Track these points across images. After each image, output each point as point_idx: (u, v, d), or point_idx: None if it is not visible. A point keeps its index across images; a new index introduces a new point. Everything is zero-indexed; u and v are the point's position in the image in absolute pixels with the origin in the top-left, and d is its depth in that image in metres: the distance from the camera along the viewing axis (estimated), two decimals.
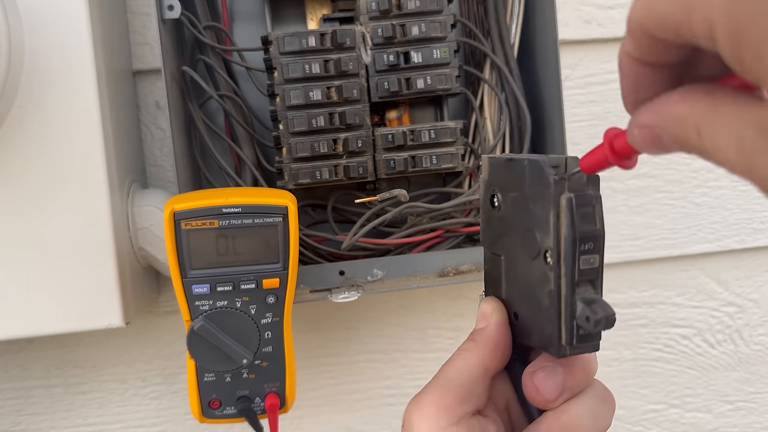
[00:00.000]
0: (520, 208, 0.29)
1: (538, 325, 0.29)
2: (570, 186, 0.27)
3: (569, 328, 0.28)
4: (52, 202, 0.45)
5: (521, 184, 0.29)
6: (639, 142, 0.23)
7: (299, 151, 0.49)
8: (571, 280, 0.27)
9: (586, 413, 0.29)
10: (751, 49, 0.17)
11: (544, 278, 0.28)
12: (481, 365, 0.30)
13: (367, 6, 0.49)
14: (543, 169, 0.28)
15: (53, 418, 0.60)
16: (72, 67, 0.44)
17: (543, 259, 0.28)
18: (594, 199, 0.27)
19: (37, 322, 0.45)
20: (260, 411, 0.46)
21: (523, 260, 0.30)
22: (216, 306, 0.43)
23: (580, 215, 0.27)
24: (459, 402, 0.29)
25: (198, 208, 0.42)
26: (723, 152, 0.19)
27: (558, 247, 0.27)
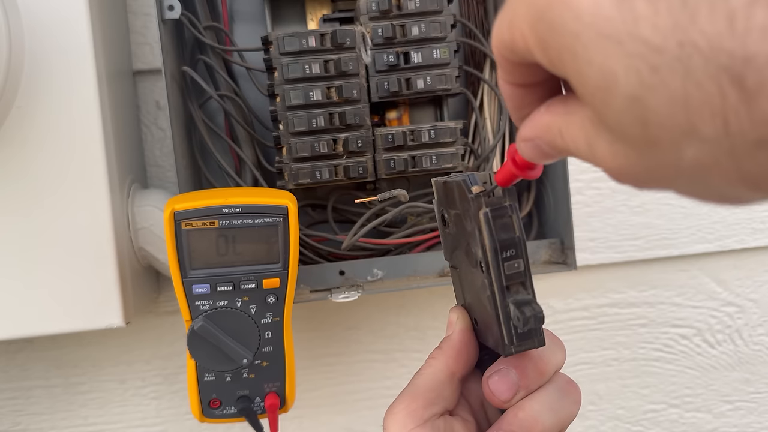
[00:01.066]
0: (461, 224, 0.32)
1: (490, 329, 0.32)
2: (488, 201, 0.30)
3: (508, 329, 0.30)
4: (52, 202, 0.45)
5: (455, 203, 0.32)
6: (527, 153, 0.25)
7: (299, 151, 0.49)
8: (500, 285, 0.30)
9: (542, 407, 0.31)
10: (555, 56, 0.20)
11: (483, 286, 0.31)
12: (447, 370, 0.33)
13: (367, 6, 0.50)
14: (463, 189, 0.30)
15: (53, 418, 0.60)
16: (72, 67, 0.44)
17: (480, 269, 0.31)
18: (509, 209, 0.30)
19: (37, 322, 0.46)
20: (260, 411, 0.46)
21: (470, 271, 0.33)
22: (216, 306, 0.43)
23: (498, 226, 0.30)
24: (425, 406, 0.32)
25: (198, 208, 0.42)
26: (580, 148, 0.22)
27: (486, 257, 0.30)
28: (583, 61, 0.18)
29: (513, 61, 0.23)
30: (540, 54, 0.20)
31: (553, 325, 0.64)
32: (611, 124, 0.19)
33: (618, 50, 0.17)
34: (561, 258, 0.54)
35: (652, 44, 0.17)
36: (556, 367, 0.33)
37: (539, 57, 0.21)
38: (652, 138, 0.18)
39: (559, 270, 0.52)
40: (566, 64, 0.19)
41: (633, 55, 0.17)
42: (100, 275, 0.45)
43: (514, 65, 0.23)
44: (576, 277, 0.63)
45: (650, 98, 0.17)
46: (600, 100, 0.19)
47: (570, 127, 0.22)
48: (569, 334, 0.64)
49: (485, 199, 0.30)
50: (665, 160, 0.19)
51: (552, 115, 0.23)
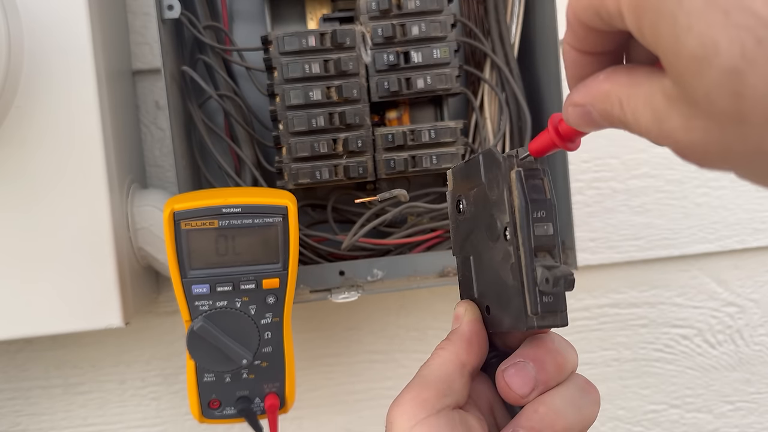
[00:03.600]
0: (481, 200, 0.31)
1: (507, 308, 0.30)
2: (519, 163, 0.29)
3: (533, 297, 0.28)
4: (51, 203, 0.45)
5: (478, 177, 0.31)
6: (573, 119, 0.25)
7: (299, 151, 0.49)
8: (529, 247, 0.28)
9: (565, 403, 0.29)
10: (648, 22, 0.19)
11: (506, 255, 0.30)
12: (457, 361, 0.31)
13: (367, 6, 0.49)
14: (493, 154, 0.30)
15: (53, 418, 0.59)
16: (71, 67, 0.44)
17: (504, 238, 0.30)
18: (542, 172, 0.29)
19: (36, 322, 0.45)
20: (260, 411, 0.46)
21: (488, 249, 0.31)
22: (216, 306, 0.43)
23: (530, 186, 0.29)
24: (437, 396, 0.29)
25: (198, 208, 0.42)
26: (641, 121, 0.21)
27: (513, 219, 0.29)
28: (682, 28, 0.18)
29: (589, 26, 0.22)
30: (632, 19, 0.20)
31: None
32: (699, 97, 0.19)
33: (723, 20, 0.17)
34: (561, 258, 0.54)
35: (762, 17, 0.17)
36: (572, 366, 0.31)
37: (629, 22, 0.20)
38: (742, 114, 0.18)
39: None
40: (660, 32, 0.19)
41: (739, 27, 0.17)
42: (99, 275, 0.45)
43: (588, 31, 0.23)
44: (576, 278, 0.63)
45: (750, 72, 0.17)
46: (693, 71, 0.18)
47: (633, 99, 0.22)
48: (570, 335, 0.64)
49: (516, 160, 0.29)
50: (749, 138, 0.18)
51: (613, 84, 0.23)
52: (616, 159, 0.62)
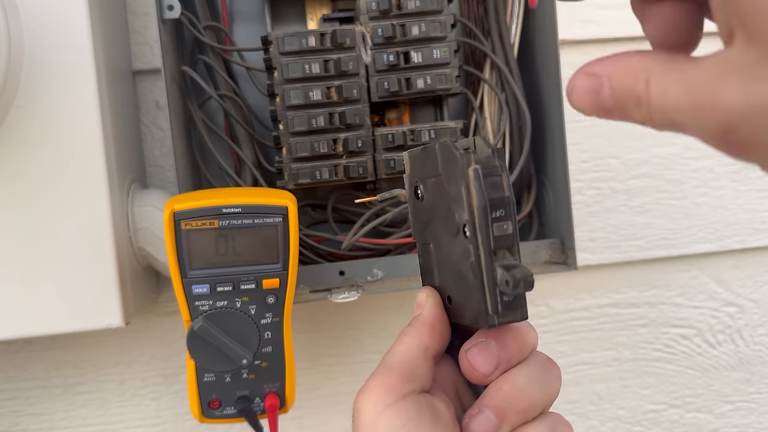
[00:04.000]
0: (439, 192, 0.31)
1: (467, 302, 0.30)
2: (477, 159, 0.28)
3: (493, 296, 0.28)
4: (51, 202, 0.44)
5: (436, 168, 0.31)
6: (579, 90, 0.24)
7: (299, 151, 0.49)
8: (488, 247, 0.28)
9: (527, 380, 0.30)
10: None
11: (465, 253, 0.29)
12: (420, 345, 0.31)
13: (367, 6, 0.49)
14: (450, 148, 0.29)
15: (53, 418, 0.59)
16: (72, 66, 0.44)
17: (463, 235, 0.29)
18: (500, 168, 0.28)
19: (36, 322, 0.45)
20: (260, 411, 0.46)
21: (447, 242, 0.31)
22: (216, 306, 0.43)
23: (488, 184, 0.28)
24: (403, 381, 0.29)
25: (198, 208, 0.42)
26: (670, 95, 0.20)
27: (472, 218, 0.28)
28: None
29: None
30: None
31: (554, 326, 0.64)
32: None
33: None
34: (561, 258, 0.54)
35: None
36: (533, 345, 0.31)
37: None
38: None
39: (560, 270, 0.52)
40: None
41: None
42: (99, 275, 0.45)
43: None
44: (576, 278, 0.63)
45: None
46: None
47: (667, 76, 0.20)
48: (570, 335, 0.64)
49: (474, 156, 0.28)
50: None
51: (647, 61, 0.21)
52: (616, 159, 0.62)
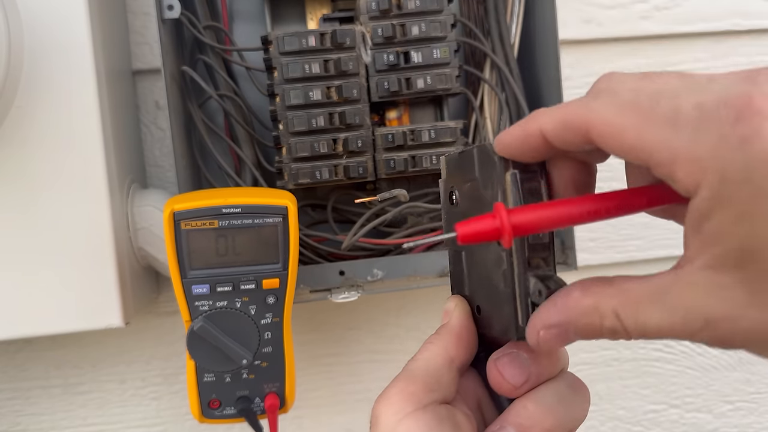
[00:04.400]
0: (475, 196, 0.30)
1: (498, 313, 0.29)
2: (516, 164, 0.27)
3: (525, 307, 0.27)
4: (51, 202, 0.44)
5: (473, 172, 0.30)
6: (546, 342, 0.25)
7: (299, 151, 0.49)
8: (522, 256, 0.27)
9: (555, 400, 0.29)
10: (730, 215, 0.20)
11: (498, 260, 0.28)
12: (445, 355, 0.30)
13: (367, 6, 0.49)
14: (488, 152, 0.28)
15: (53, 418, 0.59)
16: (71, 66, 0.44)
17: (498, 243, 0.28)
18: (540, 173, 0.27)
19: (36, 322, 0.45)
20: (260, 411, 0.46)
21: (480, 250, 0.30)
22: (216, 306, 0.43)
23: (526, 189, 0.27)
24: (425, 390, 0.29)
25: (198, 208, 0.42)
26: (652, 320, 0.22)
27: None
28: None
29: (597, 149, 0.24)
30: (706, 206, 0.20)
31: None
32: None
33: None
34: (561, 258, 0.54)
35: None
36: (564, 364, 0.31)
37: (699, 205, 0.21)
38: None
39: (560, 270, 0.52)
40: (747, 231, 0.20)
41: None
42: (99, 275, 0.45)
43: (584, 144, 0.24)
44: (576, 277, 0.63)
45: None
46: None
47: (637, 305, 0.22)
48: None
49: (512, 161, 0.27)
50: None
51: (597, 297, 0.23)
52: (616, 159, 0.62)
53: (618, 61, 0.62)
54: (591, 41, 0.61)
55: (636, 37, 0.62)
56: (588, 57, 0.61)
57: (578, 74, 0.61)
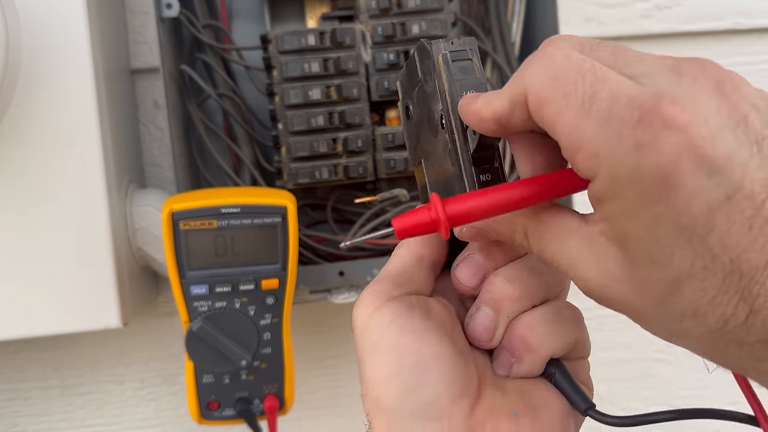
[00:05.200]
0: (423, 98, 0.31)
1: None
2: (446, 46, 0.29)
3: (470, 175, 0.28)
4: (49, 202, 0.44)
5: (416, 74, 0.31)
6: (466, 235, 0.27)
7: (298, 151, 0.49)
8: (461, 125, 0.28)
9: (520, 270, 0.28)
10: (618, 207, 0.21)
11: (445, 144, 0.29)
12: (413, 254, 0.30)
13: (367, 4, 0.49)
14: (423, 44, 0.29)
15: (51, 419, 0.59)
16: (70, 65, 0.44)
17: (441, 127, 0.29)
18: (469, 52, 0.28)
19: (34, 322, 0.45)
20: (259, 413, 0.45)
21: (433, 147, 0.31)
22: (215, 307, 0.43)
23: (458, 68, 0.28)
24: (393, 286, 0.29)
25: (196, 208, 0.42)
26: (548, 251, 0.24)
27: (446, 104, 0.28)
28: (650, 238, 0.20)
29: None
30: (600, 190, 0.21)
31: None
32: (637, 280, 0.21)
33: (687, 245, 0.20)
34: None
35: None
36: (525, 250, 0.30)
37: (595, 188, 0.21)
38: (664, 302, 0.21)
39: None
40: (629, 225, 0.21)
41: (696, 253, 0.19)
42: (97, 276, 0.45)
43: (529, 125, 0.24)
44: None
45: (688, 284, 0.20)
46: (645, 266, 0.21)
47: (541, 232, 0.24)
48: None
49: (444, 44, 0.29)
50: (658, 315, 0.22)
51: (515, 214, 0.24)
52: None
53: None
54: None
55: (637, 36, 0.61)
56: None
57: None
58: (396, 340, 0.27)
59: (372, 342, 0.28)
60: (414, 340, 0.27)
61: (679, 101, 0.19)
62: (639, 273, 0.21)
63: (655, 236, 0.20)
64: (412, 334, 0.27)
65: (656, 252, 0.20)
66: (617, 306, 0.23)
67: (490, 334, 0.28)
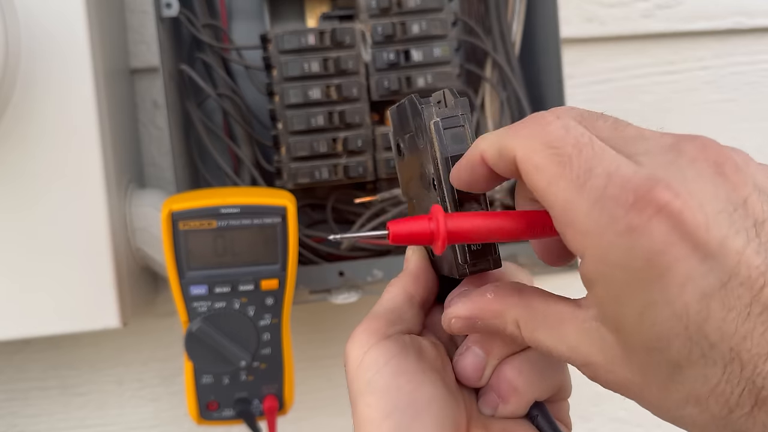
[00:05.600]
0: (414, 146, 0.31)
1: (445, 254, 0.30)
2: (439, 111, 0.29)
3: (461, 247, 0.28)
4: (48, 203, 0.44)
5: (408, 124, 0.31)
6: (456, 330, 0.26)
7: (298, 151, 0.49)
8: (453, 199, 0.28)
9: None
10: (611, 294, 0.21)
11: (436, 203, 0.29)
12: (404, 293, 0.31)
13: (367, 4, 0.49)
14: (415, 103, 0.29)
15: (50, 419, 0.59)
16: (69, 65, 0.44)
17: (433, 188, 0.29)
18: (461, 119, 0.29)
19: (33, 323, 0.45)
20: (258, 413, 0.45)
21: (424, 196, 0.31)
22: (214, 307, 0.43)
23: (450, 136, 0.28)
24: (387, 324, 0.30)
25: (196, 208, 0.42)
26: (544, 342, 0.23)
27: (437, 171, 0.29)
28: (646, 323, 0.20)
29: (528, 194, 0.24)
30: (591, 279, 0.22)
31: None
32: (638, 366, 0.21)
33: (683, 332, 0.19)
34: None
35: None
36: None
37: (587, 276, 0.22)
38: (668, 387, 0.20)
39: (560, 270, 0.52)
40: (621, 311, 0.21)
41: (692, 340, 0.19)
42: (96, 276, 0.45)
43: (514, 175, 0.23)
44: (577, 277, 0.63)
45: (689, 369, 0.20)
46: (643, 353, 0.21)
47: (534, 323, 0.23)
48: None
49: (436, 109, 0.29)
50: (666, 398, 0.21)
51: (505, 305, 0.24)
52: None
53: (620, 60, 0.62)
54: (593, 39, 0.61)
55: (638, 35, 0.61)
56: (590, 55, 0.61)
57: (580, 73, 0.61)
58: (390, 382, 0.27)
59: (366, 380, 0.28)
60: (408, 382, 0.27)
61: (673, 186, 0.19)
62: (638, 359, 0.21)
63: (649, 323, 0.20)
64: (406, 376, 0.27)
65: (652, 339, 0.20)
66: (623, 390, 0.22)
67: (478, 375, 0.29)
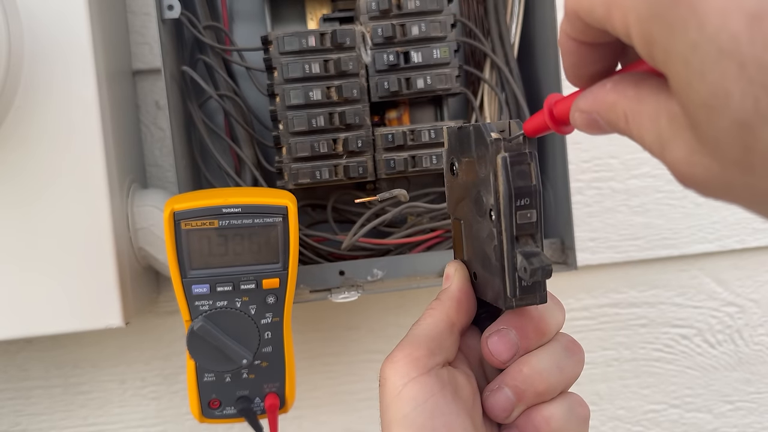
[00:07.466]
0: (472, 172, 0.32)
1: (490, 282, 0.31)
2: (507, 146, 0.29)
3: (512, 281, 0.29)
4: (51, 203, 0.44)
5: (470, 149, 0.32)
6: (580, 124, 0.25)
7: (299, 151, 0.49)
8: (510, 234, 0.29)
9: (548, 364, 0.31)
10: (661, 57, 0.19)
11: (490, 235, 0.30)
12: (447, 320, 0.32)
13: (367, 6, 0.49)
14: (483, 133, 0.30)
15: (53, 418, 0.59)
16: (71, 67, 0.44)
17: (489, 218, 0.30)
18: (529, 156, 0.29)
19: (36, 322, 0.45)
20: (260, 411, 0.46)
21: (476, 221, 0.32)
22: (216, 306, 0.43)
23: (516, 172, 0.29)
24: (428, 355, 0.30)
25: (198, 208, 0.42)
26: (646, 139, 0.21)
27: (498, 204, 0.29)
28: (695, 73, 0.17)
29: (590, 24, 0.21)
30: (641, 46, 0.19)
31: None
32: (707, 139, 0.18)
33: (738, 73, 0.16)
34: (561, 258, 0.54)
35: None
36: (557, 327, 0.32)
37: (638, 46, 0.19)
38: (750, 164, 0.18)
39: (560, 270, 0.52)
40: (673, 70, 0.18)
41: (754, 82, 0.16)
42: (99, 275, 0.45)
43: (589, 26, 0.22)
44: (576, 278, 0.63)
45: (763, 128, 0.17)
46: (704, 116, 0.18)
47: (640, 116, 0.21)
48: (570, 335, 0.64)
49: (504, 143, 0.29)
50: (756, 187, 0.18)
51: (619, 95, 0.22)
52: (615, 159, 0.62)
53: None
54: None
55: None
56: None
57: None
58: (426, 423, 0.29)
59: (403, 414, 0.29)
60: (443, 425, 0.29)
61: None
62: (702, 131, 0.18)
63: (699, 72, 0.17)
64: (442, 418, 0.29)
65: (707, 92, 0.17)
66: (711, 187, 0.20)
67: (506, 414, 0.30)
